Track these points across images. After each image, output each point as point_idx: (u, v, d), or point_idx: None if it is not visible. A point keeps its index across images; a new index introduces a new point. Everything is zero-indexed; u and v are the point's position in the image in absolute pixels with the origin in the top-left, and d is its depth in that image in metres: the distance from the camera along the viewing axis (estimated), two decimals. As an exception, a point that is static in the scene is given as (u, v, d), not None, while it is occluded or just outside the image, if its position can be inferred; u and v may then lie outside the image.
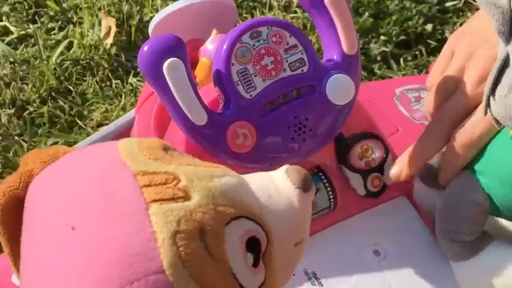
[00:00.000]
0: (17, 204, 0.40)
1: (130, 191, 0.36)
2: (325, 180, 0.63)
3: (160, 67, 0.52)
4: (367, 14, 1.22)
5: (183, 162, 0.39)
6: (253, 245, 0.38)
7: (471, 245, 0.59)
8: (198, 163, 0.41)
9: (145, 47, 0.52)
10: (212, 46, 0.65)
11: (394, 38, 1.19)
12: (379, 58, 1.17)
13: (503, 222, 0.67)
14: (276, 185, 0.42)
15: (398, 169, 0.64)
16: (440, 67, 0.64)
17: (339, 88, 0.58)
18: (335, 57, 0.59)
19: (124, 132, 0.84)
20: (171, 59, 0.51)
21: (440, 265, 0.63)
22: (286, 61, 0.57)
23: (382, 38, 1.19)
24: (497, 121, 0.52)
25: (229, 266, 0.36)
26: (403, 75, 1.14)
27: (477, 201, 0.58)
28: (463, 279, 0.61)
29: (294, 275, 0.60)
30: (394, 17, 1.21)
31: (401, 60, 1.17)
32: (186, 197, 0.36)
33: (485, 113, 0.52)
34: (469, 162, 0.59)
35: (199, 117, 0.54)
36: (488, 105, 0.52)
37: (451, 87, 0.61)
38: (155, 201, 0.35)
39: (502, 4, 0.49)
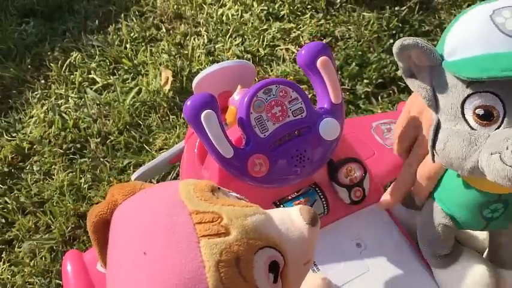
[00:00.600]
0: (105, 223, 0.41)
1: (186, 227, 0.36)
2: (320, 193, 0.62)
3: (199, 116, 0.52)
4: (354, 63, 1.20)
5: (225, 203, 0.39)
6: (273, 267, 0.38)
7: (448, 258, 0.58)
8: (236, 203, 0.40)
9: (188, 102, 0.53)
10: (238, 97, 0.65)
11: (374, 81, 1.17)
12: (363, 96, 1.15)
13: (471, 232, 0.67)
14: (292, 220, 0.42)
15: (385, 201, 0.63)
16: (401, 122, 0.62)
17: (328, 128, 0.58)
18: (325, 105, 0.58)
19: (177, 156, 0.85)
20: (206, 110, 0.52)
21: (407, 253, 0.62)
22: (290, 109, 0.57)
23: (365, 81, 1.17)
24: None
25: (256, 285, 0.36)
26: (381, 109, 1.12)
27: (444, 223, 0.56)
28: (444, 282, 0.60)
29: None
30: (374, 66, 1.20)
31: (379, 97, 1.15)
32: (227, 233, 0.36)
33: (433, 160, 0.52)
34: (432, 190, 0.58)
35: (227, 152, 0.54)
36: (433, 155, 0.51)
37: (411, 136, 0.60)
38: (204, 236, 0.36)
39: (426, 86, 0.49)
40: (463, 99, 0.46)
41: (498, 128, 0.45)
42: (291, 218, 0.42)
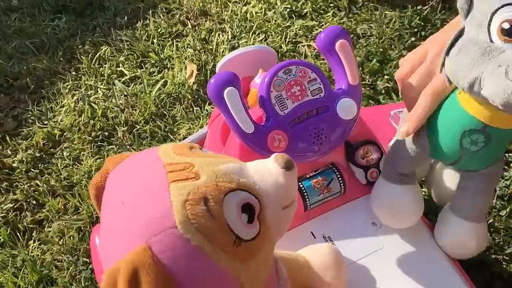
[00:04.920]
0: (102, 190, 0.44)
1: (159, 176, 0.39)
2: (337, 173, 0.64)
3: (222, 93, 0.55)
4: (375, 60, 1.21)
5: (200, 155, 0.42)
6: (248, 208, 0.40)
7: (405, 176, 0.59)
8: (211, 155, 0.43)
9: (212, 80, 0.56)
10: (259, 80, 0.66)
11: (394, 77, 1.18)
12: (383, 92, 1.16)
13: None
14: (267, 167, 0.44)
15: (404, 130, 0.58)
16: (415, 58, 0.61)
17: (345, 108, 0.59)
18: (343, 86, 0.60)
19: (200, 141, 0.87)
20: (229, 87, 0.55)
21: (421, 232, 0.63)
22: (309, 89, 0.59)
23: (386, 77, 1.18)
24: (448, 80, 0.51)
25: (226, 222, 0.39)
26: (402, 102, 1.13)
27: (420, 142, 0.57)
28: (383, 195, 0.61)
29: (315, 238, 0.63)
30: (394, 62, 1.20)
31: (399, 93, 1.15)
32: (197, 178, 0.39)
33: (441, 70, 0.52)
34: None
35: (248, 127, 0.56)
36: (443, 64, 0.51)
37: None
38: (174, 181, 0.39)
39: None
40: (496, 7, 0.46)
41: None
42: (266, 165, 0.44)
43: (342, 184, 0.64)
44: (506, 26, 0.46)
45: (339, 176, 0.64)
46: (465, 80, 0.48)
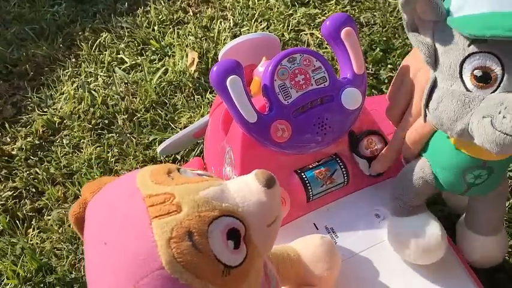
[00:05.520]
0: (81, 220, 0.43)
1: (140, 211, 0.38)
2: (341, 163, 0.63)
3: (225, 81, 0.53)
4: (378, 49, 1.20)
5: (179, 182, 0.40)
6: (233, 234, 0.39)
7: (409, 208, 0.58)
8: (190, 180, 0.41)
9: (214, 68, 0.54)
10: (262, 69, 0.66)
11: (398, 66, 1.16)
12: (386, 81, 1.14)
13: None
14: (249, 186, 0.42)
15: (374, 168, 0.64)
16: (395, 85, 0.62)
17: (350, 98, 0.58)
18: (348, 75, 0.59)
19: (201, 130, 0.86)
20: (232, 75, 0.53)
21: None
22: (313, 78, 0.58)
23: (389, 66, 1.16)
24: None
25: (213, 253, 0.37)
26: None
27: (425, 179, 0.57)
28: (392, 230, 0.60)
29: (317, 229, 0.62)
30: (398, 51, 1.19)
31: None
32: (178, 210, 0.38)
33: (425, 120, 0.52)
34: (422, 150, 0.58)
35: (251, 116, 0.55)
36: (425, 115, 0.51)
37: (403, 100, 0.60)
38: (156, 217, 0.37)
39: (427, 42, 0.49)
40: (463, 58, 0.46)
41: (494, 92, 0.45)
42: (247, 184, 0.42)
43: (345, 175, 0.63)
44: (479, 73, 0.45)
45: (342, 166, 0.63)
46: (453, 131, 0.48)
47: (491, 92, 0.45)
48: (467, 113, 0.46)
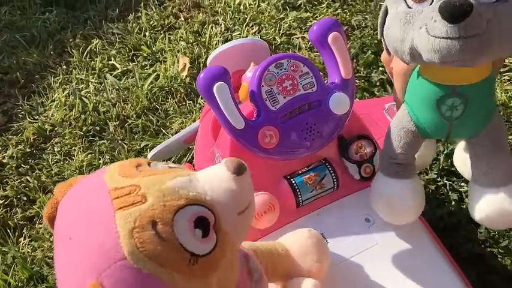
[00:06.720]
0: (54, 220, 0.42)
1: (104, 205, 0.38)
2: (330, 168, 0.63)
3: (212, 88, 0.53)
4: (369, 51, 1.20)
5: (146, 174, 0.40)
6: (201, 222, 0.38)
7: (401, 168, 0.58)
8: (158, 172, 0.41)
9: (201, 74, 0.54)
10: (250, 74, 0.65)
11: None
12: (378, 84, 1.14)
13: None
14: (218, 174, 0.42)
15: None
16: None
17: (338, 103, 0.58)
18: (336, 80, 0.59)
19: (192, 136, 0.86)
20: (218, 82, 0.53)
21: (415, 228, 0.62)
22: (301, 84, 0.58)
23: (381, 69, 1.16)
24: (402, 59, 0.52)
25: (179, 242, 0.37)
26: (396, 95, 1.11)
27: (408, 128, 0.56)
28: (374, 185, 0.60)
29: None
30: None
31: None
32: (143, 201, 0.37)
33: (388, 53, 0.54)
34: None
35: (238, 123, 0.55)
36: (385, 46, 0.53)
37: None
38: (120, 208, 0.37)
39: None
40: None
41: (430, 4, 0.47)
42: (217, 173, 0.42)
43: (335, 180, 0.63)
44: None
45: (331, 171, 0.63)
46: (405, 54, 0.50)
47: (429, 5, 0.47)
48: (410, 29, 0.48)
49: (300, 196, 0.61)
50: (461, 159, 0.65)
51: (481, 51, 0.45)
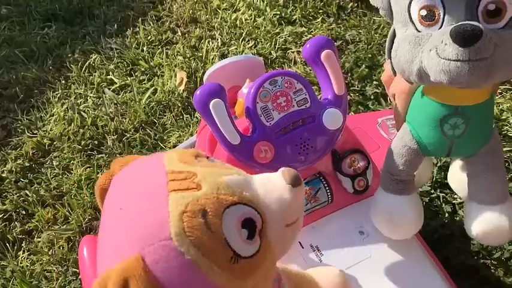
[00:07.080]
0: (105, 192, 0.43)
1: (160, 183, 0.38)
2: (324, 182, 0.64)
3: (208, 105, 0.54)
4: (364, 65, 1.21)
5: (204, 165, 0.41)
6: (249, 224, 0.39)
7: (402, 184, 0.59)
8: (216, 166, 0.41)
9: (198, 91, 0.55)
10: (246, 90, 0.66)
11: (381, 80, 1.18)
12: (372, 97, 1.15)
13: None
14: (273, 182, 0.42)
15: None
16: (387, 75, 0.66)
17: (331, 118, 0.59)
18: (329, 96, 0.60)
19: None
20: (215, 99, 0.54)
21: (407, 241, 0.62)
22: (295, 100, 0.59)
23: (375, 82, 1.18)
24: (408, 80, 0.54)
25: (225, 237, 0.37)
26: (390, 109, 1.13)
27: (410, 146, 0.58)
28: (382, 206, 0.61)
29: (302, 248, 0.62)
30: (383, 68, 1.21)
31: (388, 98, 1.15)
32: (198, 188, 0.38)
33: (394, 73, 0.56)
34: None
35: (234, 138, 0.56)
36: (392, 66, 0.55)
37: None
38: (174, 190, 0.38)
39: None
40: (409, 2, 0.51)
41: (439, 29, 0.49)
42: (272, 180, 0.42)
43: (329, 193, 0.64)
44: (424, 12, 0.50)
45: (326, 185, 0.64)
46: (412, 74, 0.51)
47: (438, 29, 0.49)
48: (419, 51, 0.50)
49: (294, 209, 0.62)
50: (457, 178, 0.68)
51: (487, 74, 0.47)
